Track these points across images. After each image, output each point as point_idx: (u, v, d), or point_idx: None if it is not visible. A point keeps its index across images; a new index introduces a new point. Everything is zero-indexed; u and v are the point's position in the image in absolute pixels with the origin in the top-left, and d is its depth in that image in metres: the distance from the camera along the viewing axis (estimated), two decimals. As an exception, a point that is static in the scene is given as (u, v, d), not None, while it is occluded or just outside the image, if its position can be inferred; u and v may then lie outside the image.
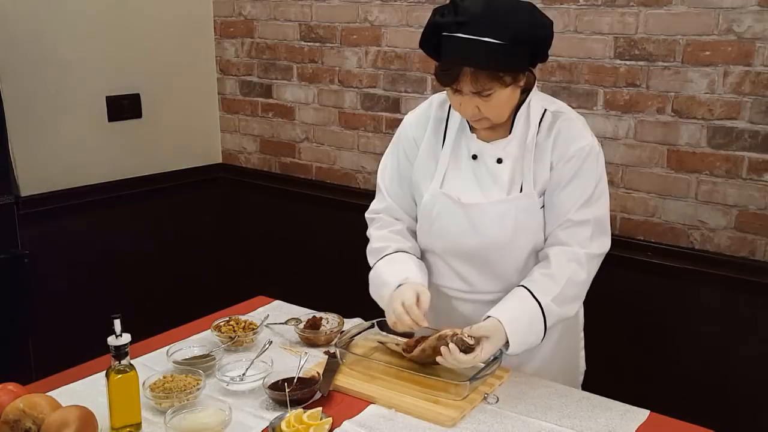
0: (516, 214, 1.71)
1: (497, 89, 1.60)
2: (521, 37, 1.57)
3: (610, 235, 1.75)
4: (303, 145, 3.27)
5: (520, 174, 1.72)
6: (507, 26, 1.56)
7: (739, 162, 2.22)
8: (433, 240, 1.81)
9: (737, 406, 2.28)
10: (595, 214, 1.70)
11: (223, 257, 3.53)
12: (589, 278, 1.72)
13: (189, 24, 3.35)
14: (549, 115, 1.72)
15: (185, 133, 3.40)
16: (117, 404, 1.46)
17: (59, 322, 2.89)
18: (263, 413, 1.56)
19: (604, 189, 1.73)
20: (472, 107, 1.64)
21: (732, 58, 2.17)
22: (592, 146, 1.71)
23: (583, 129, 1.73)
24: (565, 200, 1.69)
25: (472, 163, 1.76)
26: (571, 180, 1.69)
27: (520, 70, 1.63)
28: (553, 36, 1.66)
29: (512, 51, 1.57)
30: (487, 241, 1.73)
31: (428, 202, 1.78)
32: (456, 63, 1.59)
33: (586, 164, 1.69)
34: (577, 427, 1.51)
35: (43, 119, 2.88)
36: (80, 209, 3.01)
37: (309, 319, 1.94)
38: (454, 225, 1.75)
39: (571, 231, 1.69)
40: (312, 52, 3.14)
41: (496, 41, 1.55)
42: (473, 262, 1.78)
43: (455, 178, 1.77)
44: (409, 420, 1.54)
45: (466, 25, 1.56)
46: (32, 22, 2.80)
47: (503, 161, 1.73)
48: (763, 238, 2.22)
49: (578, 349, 1.98)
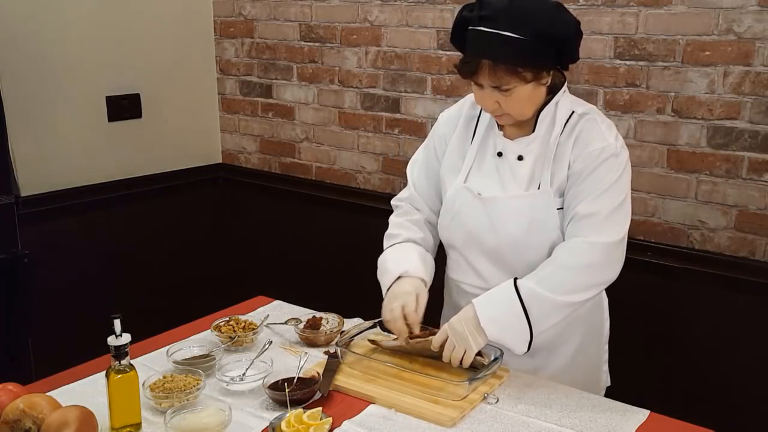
0: (531, 211, 1.71)
1: (517, 85, 1.61)
2: (542, 33, 1.57)
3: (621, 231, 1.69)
4: (303, 145, 3.27)
5: (539, 172, 1.73)
6: (528, 22, 1.57)
7: (739, 162, 2.22)
8: (453, 234, 1.83)
9: (737, 406, 2.28)
10: (602, 206, 1.66)
11: (223, 257, 3.53)
12: (593, 266, 1.66)
13: (189, 24, 3.35)
14: (575, 117, 1.72)
15: (185, 133, 3.40)
16: (117, 404, 1.46)
17: (59, 322, 2.89)
18: (263, 413, 1.56)
19: (620, 189, 1.69)
20: (492, 102, 1.66)
21: (732, 58, 2.17)
22: (612, 148, 1.68)
23: (605, 131, 1.71)
24: (578, 195, 1.69)
25: (497, 160, 1.78)
26: (585, 178, 1.68)
27: (543, 68, 1.63)
28: (580, 36, 1.66)
29: (532, 47, 1.57)
30: (502, 237, 1.74)
31: (451, 196, 1.82)
32: (476, 56, 1.61)
33: (604, 165, 1.67)
34: (577, 427, 1.51)
35: (43, 119, 2.88)
36: (80, 209, 3.01)
37: (309, 319, 1.94)
38: (473, 219, 1.78)
39: (577, 224, 1.68)
40: (312, 52, 3.14)
41: (516, 36, 1.56)
42: (490, 259, 1.79)
43: (479, 174, 1.80)
44: (409, 420, 1.54)
45: (488, 19, 1.58)
46: (32, 22, 2.80)
47: (524, 158, 1.74)
48: (763, 238, 2.22)
49: (601, 362, 1.95)
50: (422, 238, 1.90)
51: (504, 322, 1.64)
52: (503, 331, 1.64)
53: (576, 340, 1.83)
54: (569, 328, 1.81)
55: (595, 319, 1.89)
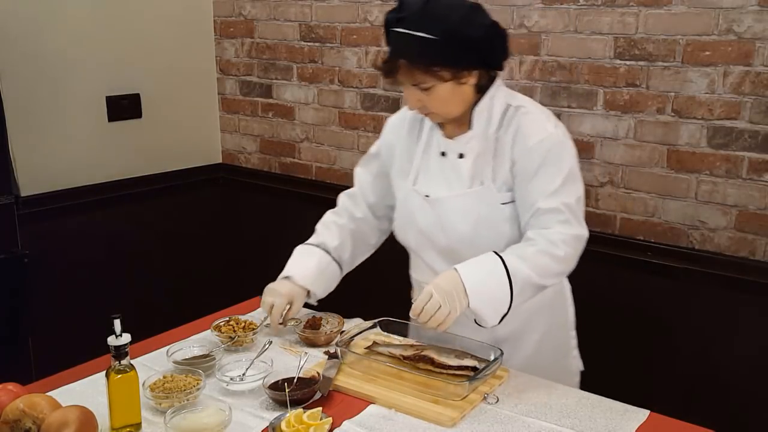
0: (478, 208, 1.75)
1: (435, 84, 1.65)
2: (454, 33, 1.61)
3: (584, 224, 1.73)
4: (303, 145, 3.28)
5: (481, 168, 1.76)
6: (440, 22, 1.60)
7: (739, 162, 2.22)
8: (408, 236, 1.89)
9: (737, 406, 2.28)
10: (565, 201, 1.69)
11: (223, 257, 3.53)
12: (567, 258, 1.70)
13: (189, 24, 3.35)
14: (512, 110, 1.75)
15: (185, 133, 3.40)
16: (117, 404, 1.46)
17: (59, 322, 2.89)
18: (263, 413, 1.56)
19: (573, 178, 1.72)
20: (416, 100, 1.70)
21: (732, 58, 2.17)
22: (554, 137, 1.71)
23: (544, 121, 1.74)
24: (533, 191, 1.71)
25: (441, 160, 1.82)
26: (537, 172, 1.70)
27: (460, 68, 1.65)
28: (501, 36, 1.68)
29: (445, 47, 1.61)
30: (452, 235, 1.79)
31: (403, 199, 1.88)
32: (393, 56, 1.67)
33: (550, 155, 1.70)
34: (577, 427, 1.51)
35: (43, 119, 2.88)
36: (80, 209, 3.01)
37: (309, 319, 1.94)
38: (424, 221, 1.82)
39: (543, 218, 1.70)
40: (312, 52, 3.14)
41: (428, 36, 1.60)
42: (445, 258, 1.82)
43: (426, 175, 1.84)
44: (409, 420, 1.54)
45: (404, 20, 1.64)
46: (32, 22, 2.80)
47: (465, 156, 1.78)
48: (763, 238, 2.22)
49: (569, 348, 1.98)
50: (336, 247, 1.98)
51: (488, 292, 1.65)
52: (485, 299, 1.65)
53: (541, 329, 1.86)
54: (533, 317, 1.84)
55: (558, 306, 1.93)
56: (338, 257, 1.99)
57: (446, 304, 1.62)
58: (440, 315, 1.62)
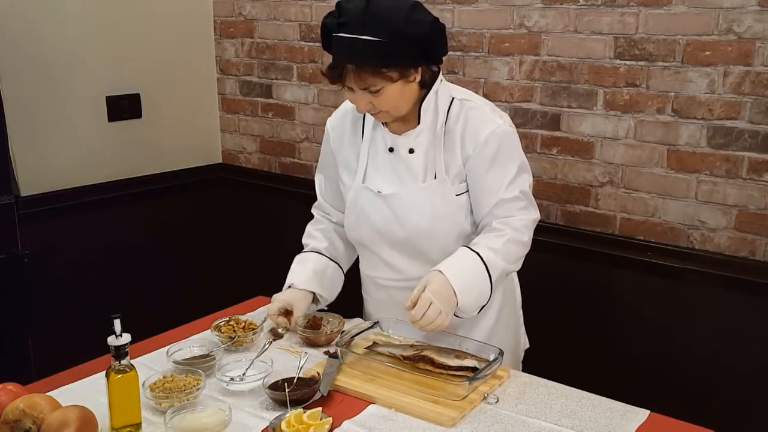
0: (432, 201, 1.79)
1: (385, 85, 1.67)
2: (400, 34, 1.63)
3: (536, 206, 1.85)
4: (303, 145, 3.28)
5: (432, 162, 1.80)
6: (384, 24, 1.62)
7: (739, 162, 2.22)
8: (361, 232, 1.91)
9: (737, 406, 2.28)
10: (522, 189, 1.79)
11: (223, 257, 3.53)
12: (529, 241, 1.81)
13: (189, 24, 3.35)
14: (457, 103, 1.79)
15: (185, 133, 3.40)
16: (117, 404, 1.46)
17: (59, 322, 2.89)
18: (263, 413, 1.56)
19: (524, 166, 1.82)
20: (365, 103, 1.72)
21: (732, 58, 2.17)
22: (502, 127, 1.77)
23: (490, 113, 1.79)
24: (492, 182, 1.78)
25: (390, 156, 1.84)
26: (492, 164, 1.77)
27: (407, 66, 1.68)
28: (441, 31, 1.72)
29: (392, 48, 1.63)
30: (409, 228, 1.82)
31: (353, 197, 1.89)
32: (340, 61, 1.67)
33: (502, 146, 1.77)
34: (577, 427, 1.51)
35: (43, 119, 2.88)
36: (80, 209, 3.01)
37: (309, 319, 1.94)
38: (378, 216, 1.85)
39: (505, 207, 1.78)
40: (312, 52, 3.14)
41: (374, 39, 1.61)
42: (401, 251, 1.86)
43: (375, 171, 1.86)
44: (409, 420, 1.54)
45: (347, 25, 1.65)
46: (32, 22, 2.80)
47: (415, 151, 1.81)
48: (763, 238, 2.22)
49: (518, 325, 2.07)
50: (326, 247, 2.03)
51: (472, 289, 1.72)
52: (471, 295, 1.72)
53: (495, 308, 1.92)
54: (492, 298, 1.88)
55: (508, 285, 1.98)
56: (332, 255, 2.03)
57: (444, 308, 1.67)
58: (440, 320, 1.67)
